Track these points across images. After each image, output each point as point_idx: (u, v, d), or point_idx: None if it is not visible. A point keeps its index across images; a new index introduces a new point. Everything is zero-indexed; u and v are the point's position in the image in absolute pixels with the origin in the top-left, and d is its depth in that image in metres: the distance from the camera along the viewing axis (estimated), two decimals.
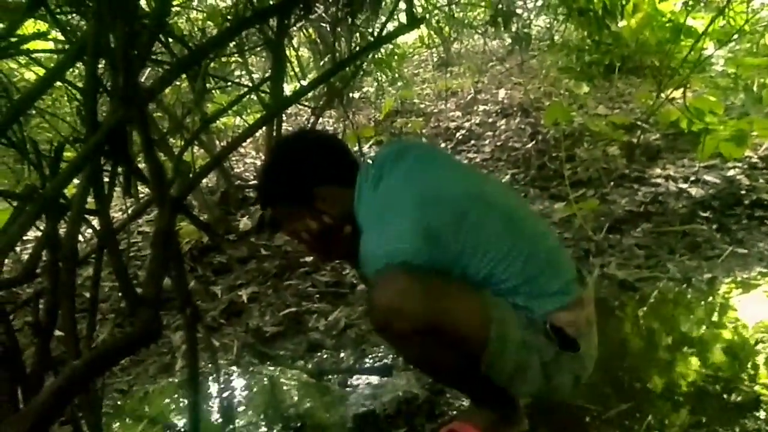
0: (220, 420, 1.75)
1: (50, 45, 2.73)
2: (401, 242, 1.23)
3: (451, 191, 1.32)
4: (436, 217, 1.26)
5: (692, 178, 3.08)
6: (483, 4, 5.79)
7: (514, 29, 5.10)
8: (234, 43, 3.43)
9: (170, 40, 2.69)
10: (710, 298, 2.11)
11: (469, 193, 1.33)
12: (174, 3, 2.99)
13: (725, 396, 1.55)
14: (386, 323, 1.23)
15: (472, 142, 4.42)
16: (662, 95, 3.36)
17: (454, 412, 1.59)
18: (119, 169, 1.36)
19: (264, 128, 3.50)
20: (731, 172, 3.08)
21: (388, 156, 1.41)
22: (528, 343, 1.28)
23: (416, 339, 1.23)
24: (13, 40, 1.54)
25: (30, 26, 2.75)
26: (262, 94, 3.37)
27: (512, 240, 1.30)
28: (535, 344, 1.29)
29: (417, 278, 1.21)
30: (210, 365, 2.02)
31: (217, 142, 4.11)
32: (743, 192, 2.86)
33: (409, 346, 1.29)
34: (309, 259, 2.78)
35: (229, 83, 4.01)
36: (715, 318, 2.00)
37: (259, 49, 3.79)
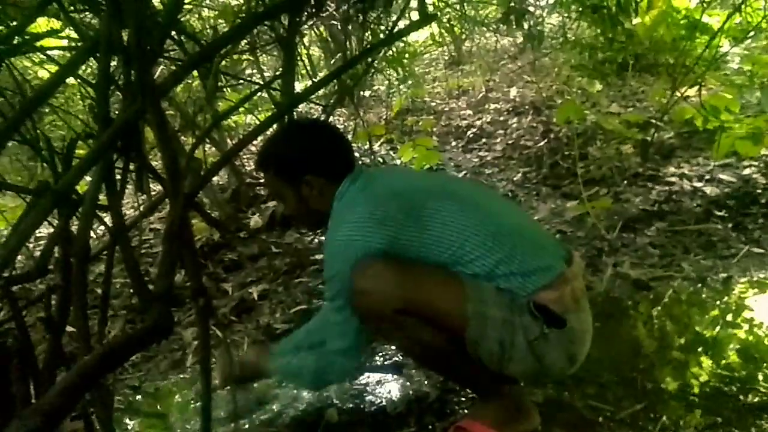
0: (230, 416, 1.75)
1: (64, 43, 2.75)
2: (361, 232, 1.31)
3: (406, 185, 1.44)
4: (392, 204, 1.35)
5: (707, 177, 3.04)
6: (495, 1, 5.76)
7: (526, 27, 5.07)
8: (245, 41, 3.43)
9: (182, 37, 2.69)
10: (725, 298, 2.08)
11: (427, 185, 1.45)
12: (186, 1, 3.00)
13: (740, 397, 1.53)
14: (365, 309, 1.31)
15: (484, 140, 4.40)
16: (677, 93, 3.32)
17: (465, 411, 1.58)
18: (131, 166, 1.36)
19: (275, 126, 3.50)
20: (747, 171, 3.04)
21: (368, 174, 1.51)
22: (510, 322, 1.30)
23: (397, 320, 1.29)
24: (27, 37, 1.55)
25: (44, 24, 2.77)
26: (273, 92, 3.38)
27: (476, 220, 1.35)
28: (518, 323, 1.31)
29: (387, 263, 1.29)
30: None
31: (229, 140, 4.12)
32: (759, 191, 2.82)
33: (393, 329, 1.34)
34: (320, 257, 2.77)
35: (241, 81, 4.01)
36: (730, 318, 1.97)
37: (270, 47, 3.79)
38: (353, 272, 1.29)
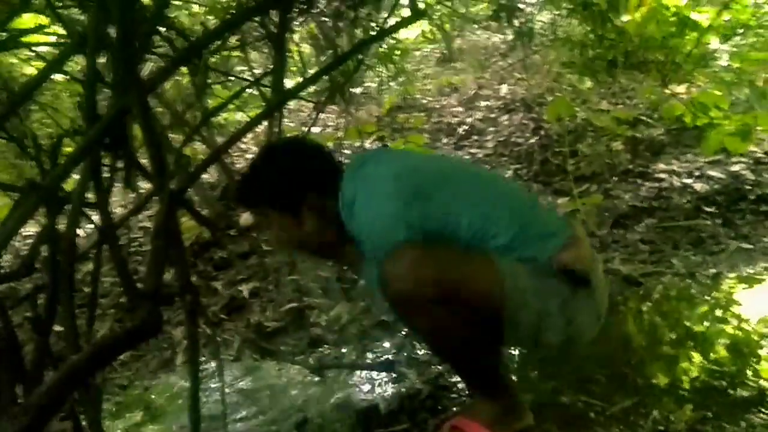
0: (220, 415, 1.74)
1: (51, 39, 2.71)
2: (393, 218, 1.27)
3: (423, 165, 1.42)
4: (414, 180, 1.32)
5: (696, 173, 3.06)
6: None
7: (516, 24, 5.07)
8: (235, 37, 3.41)
9: (171, 33, 2.67)
10: (715, 293, 2.10)
11: (440, 166, 1.46)
12: None
13: (730, 391, 1.54)
14: (402, 296, 1.24)
15: (475, 137, 4.40)
16: (666, 90, 3.34)
17: (457, 408, 1.58)
18: (120, 163, 1.34)
19: (265, 123, 3.49)
20: (736, 167, 3.06)
21: (360, 158, 1.46)
22: (542, 290, 1.30)
23: (432, 310, 1.24)
24: (13, 33, 1.52)
25: (30, 20, 2.74)
26: (264, 89, 3.36)
27: (492, 197, 1.37)
28: (548, 289, 1.31)
29: (424, 248, 1.25)
30: (211, 361, 2.01)
31: (218, 137, 4.10)
32: (748, 187, 2.84)
33: (425, 318, 1.28)
34: None
35: (231, 78, 3.99)
36: (719, 313, 1.99)
37: (260, 43, 3.77)
38: (388, 259, 1.24)
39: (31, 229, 3.31)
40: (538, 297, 1.30)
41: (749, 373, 1.61)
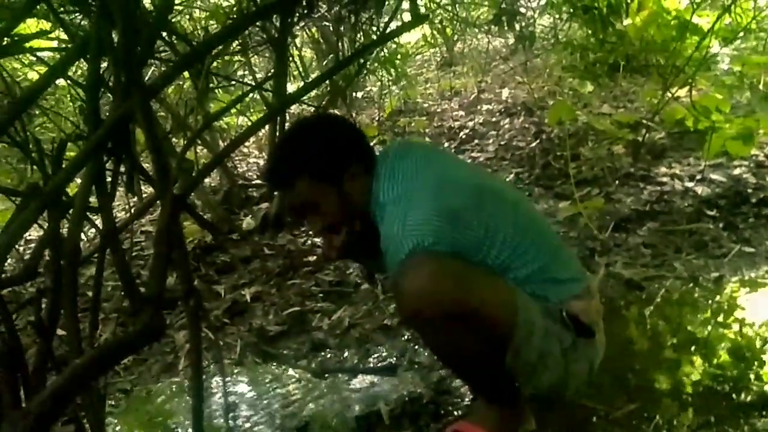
0: (223, 419, 1.74)
1: (53, 44, 2.73)
2: (425, 225, 1.21)
3: (465, 179, 1.34)
4: (456, 200, 1.26)
5: (698, 177, 3.06)
6: (486, 3, 5.76)
7: (517, 28, 5.08)
8: (237, 42, 3.42)
9: (173, 38, 2.68)
10: (717, 297, 2.09)
11: (481, 183, 1.35)
12: (177, 1, 2.98)
13: (733, 396, 1.54)
14: (417, 309, 1.19)
15: (476, 141, 4.40)
16: (668, 94, 3.34)
17: (458, 412, 1.58)
18: (122, 167, 1.35)
19: (267, 127, 3.49)
20: (737, 171, 3.06)
21: (396, 150, 1.41)
22: (549, 331, 1.29)
23: (446, 325, 1.20)
24: (16, 38, 1.53)
25: (33, 25, 2.75)
26: (265, 93, 3.37)
27: (524, 229, 1.32)
28: (554, 332, 1.30)
29: (445, 262, 1.20)
30: (214, 364, 2.01)
31: (221, 142, 4.11)
32: (750, 190, 2.84)
33: (438, 332, 1.25)
34: (312, 258, 2.76)
35: (233, 82, 4.00)
36: (722, 317, 1.98)
37: (262, 48, 3.78)
38: (408, 265, 1.19)
39: (33, 233, 3.31)
40: (545, 337, 1.28)
41: (752, 377, 1.61)
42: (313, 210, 1.36)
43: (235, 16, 3.11)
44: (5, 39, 1.35)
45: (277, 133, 3.38)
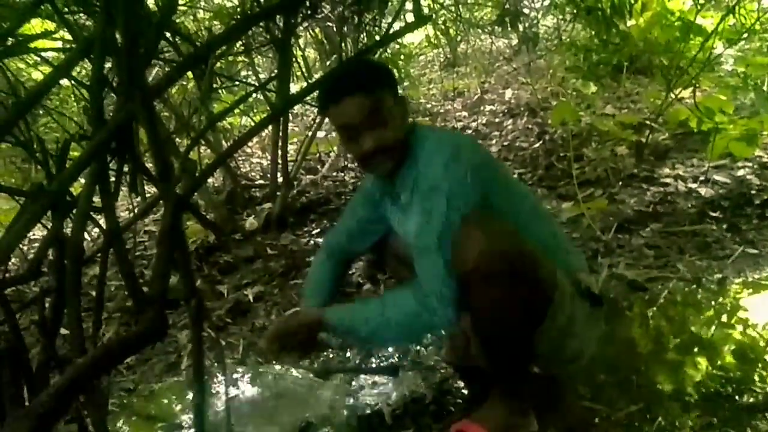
0: (225, 419, 1.75)
1: (58, 44, 2.74)
2: (467, 187, 1.27)
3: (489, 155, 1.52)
4: (493, 163, 1.42)
5: (702, 178, 3.05)
6: (490, 3, 5.77)
7: (521, 29, 5.08)
8: (241, 42, 3.43)
9: (177, 39, 2.69)
10: (720, 299, 2.09)
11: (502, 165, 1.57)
12: (181, 2, 2.99)
13: (736, 397, 1.53)
14: (478, 264, 1.20)
15: (480, 141, 4.40)
16: (671, 95, 3.33)
17: (461, 410, 1.57)
18: (126, 168, 1.35)
19: (270, 127, 3.50)
20: (741, 172, 3.05)
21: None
22: (574, 297, 1.36)
23: (501, 282, 1.21)
24: (20, 39, 1.54)
25: (38, 26, 2.76)
26: (269, 94, 3.37)
27: (533, 201, 1.47)
28: (578, 300, 1.37)
29: (502, 223, 1.26)
30: (216, 364, 2.02)
31: (224, 142, 4.11)
32: (753, 192, 2.83)
33: (491, 288, 1.24)
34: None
35: (236, 82, 4.01)
36: (725, 319, 1.97)
37: (265, 48, 3.79)
38: (467, 225, 1.23)
39: (37, 232, 3.33)
40: (572, 302, 1.35)
41: (755, 379, 1.60)
42: (378, 125, 1.34)
43: (238, 16, 3.12)
44: (10, 39, 1.35)
45: (280, 134, 3.39)
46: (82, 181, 1.26)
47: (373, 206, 1.57)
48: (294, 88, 4.40)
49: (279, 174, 3.47)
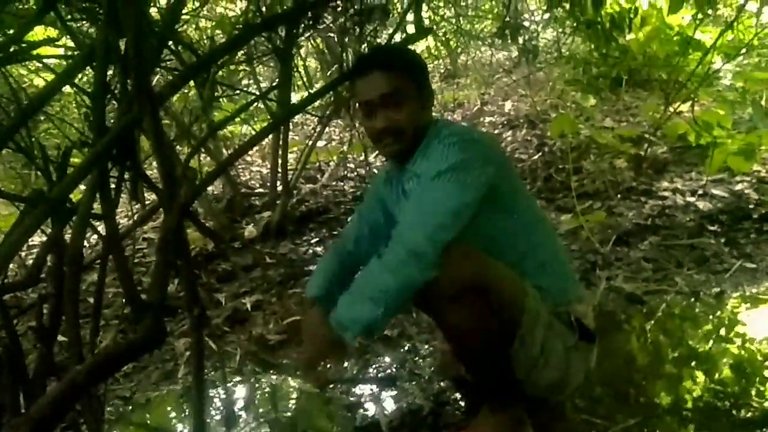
0: (223, 428, 1.74)
1: (60, 51, 2.75)
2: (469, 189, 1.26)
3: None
4: (504, 160, 1.40)
5: (700, 192, 3.06)
6: (490, 16, 5.80)
7: (521, 41, 5.10)
8: (242, 51, 3.45)
9: (180, 47, 2.70)
10: (718, 313, 2.09)
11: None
12: (183, 12, 3.01)
13: (733, 411, 1.53)
14: (442, 284, 1.24)
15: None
16: (670, 108, 3.35)
17: (458, 423, 1.57)
18: (126, 174, 1.36)
19: (270, 136, 3.51)
20: (739, 186, 3.06)
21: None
22: (554, 327, 1.33)
23: (468, 299, 1.25)
24: (24, 45, 1.55)
25: (41, 32, 2.77)
26: (270, 103, 3.39)
27: (538, 217, 1.44)
28: (559, 329, 1.34)
29: (466, 245, 1.26)
30: (213, 373, 2.01)
31: (224, 150, 4.12)
32: (751, 206, 2.84)
33: (460, 306, 1.27)
34: (313, 267, 2.77)
35: (237, 91, 4.02)
36: (723, 332, 1.98)
37: (267, 58, 3.80)
38: (446, 254, 1.23)
39: (36, 238, 3.32)
40: (549, 331, 1.32)
41: (753, 393, 1.60)
42: (394, 105, 1.36)
43: (241, 26, 3.14)
44: (13, 46, 1.36)
45: (281, 143, 3.40)
46: (82, 187, 1.26)
47: (380, 205, 1.58)
48: (295, 97, 4.41)
49: (279, 183, 3.48)
